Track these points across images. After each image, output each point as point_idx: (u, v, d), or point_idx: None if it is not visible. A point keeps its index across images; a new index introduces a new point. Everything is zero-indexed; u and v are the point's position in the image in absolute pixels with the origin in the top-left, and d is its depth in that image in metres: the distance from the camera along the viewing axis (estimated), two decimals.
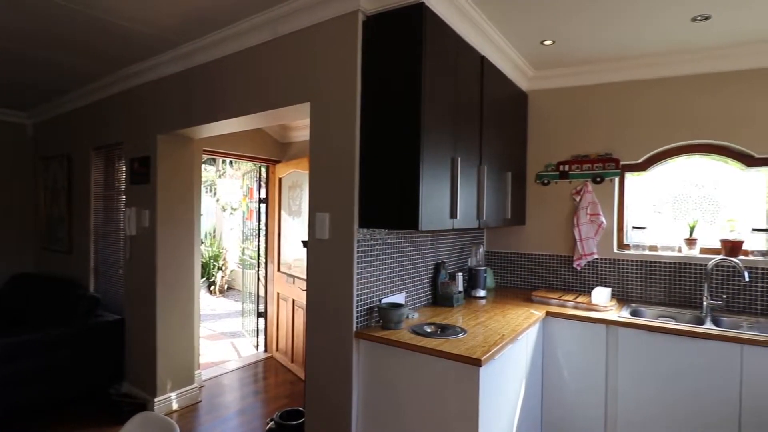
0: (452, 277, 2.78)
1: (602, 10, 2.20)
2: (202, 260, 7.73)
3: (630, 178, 2.96)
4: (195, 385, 3.32)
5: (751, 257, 2.57)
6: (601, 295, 2.60)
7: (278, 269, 4.18)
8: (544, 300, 2.75)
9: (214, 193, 9.05)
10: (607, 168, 2.95)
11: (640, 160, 2.88)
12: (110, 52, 2.88)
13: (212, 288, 7.82)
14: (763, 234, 2.59)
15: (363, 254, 2.07)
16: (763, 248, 2.58)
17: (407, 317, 2.24)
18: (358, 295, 2.04)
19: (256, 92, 2.43)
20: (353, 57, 2.01)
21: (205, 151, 3.62)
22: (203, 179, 8.86)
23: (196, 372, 3.41)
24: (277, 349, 4.24)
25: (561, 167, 3.10)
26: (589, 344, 2.46)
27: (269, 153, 4.21)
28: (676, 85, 2.76)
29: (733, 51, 2.56)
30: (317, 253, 2.15)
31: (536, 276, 3.21)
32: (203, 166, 8.73)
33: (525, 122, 3.23)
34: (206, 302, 7.11)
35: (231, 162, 8.41)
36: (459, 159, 2.13)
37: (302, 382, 2.16)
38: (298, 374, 3.74)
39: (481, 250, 3.15)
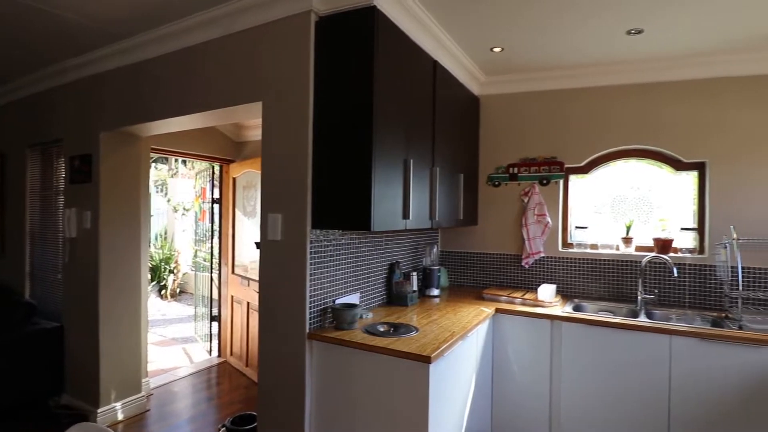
0: (407, 276, 2.83)
1: (544, 22, 2.31)
2: (153, 263, 7.39)
3: (574, 180, 3.13)
4: (142, 393, 3.18)
5: (679, 254, 2.78)
6: (546, 291, 2.73)
7: (232, 271, 4.08)
8: (494, 297, 2.85)
9: (166, 193, 8.68)
10: (552, 171, 3.10)
11: (582, 164, 3.05)
12: (48, 44, 2.71)
13: (163, 292, 7.50)
14: (690, 233, 2.82)
15: (316, 255, 2.07)
16: (690, 246, 2.80)
17: (361, 317, 2.26)
18: (311, 296, 2.04)
19: (207, 90, 2.37)
20: (306, 57, 2.00)
21: (153, 149, 3.48)
22: (154, 178, 8.51)
23: (143, 380, 3.27)
24: (231, 354, 4.14)
25: (510, 169, 3.23)
26: (536, 338, 2.58)
27: (223, 152, 4.10)
28: (615, 94, 2.94)
29: (665, 63, 2.76)
30: (270, 254, 2.12)
31: (488, 274, 3.32)
32: (154, 164, 8.38)
33: (477, 125, 3.34)
34: (157, 307, 6.81)
35: (184, 161, 8.11)
36: (411, 161, 2.17)
37: (257, 386, 2.12)
38: (252, 378, 3.67)
39: (435, 249, 3.22)
